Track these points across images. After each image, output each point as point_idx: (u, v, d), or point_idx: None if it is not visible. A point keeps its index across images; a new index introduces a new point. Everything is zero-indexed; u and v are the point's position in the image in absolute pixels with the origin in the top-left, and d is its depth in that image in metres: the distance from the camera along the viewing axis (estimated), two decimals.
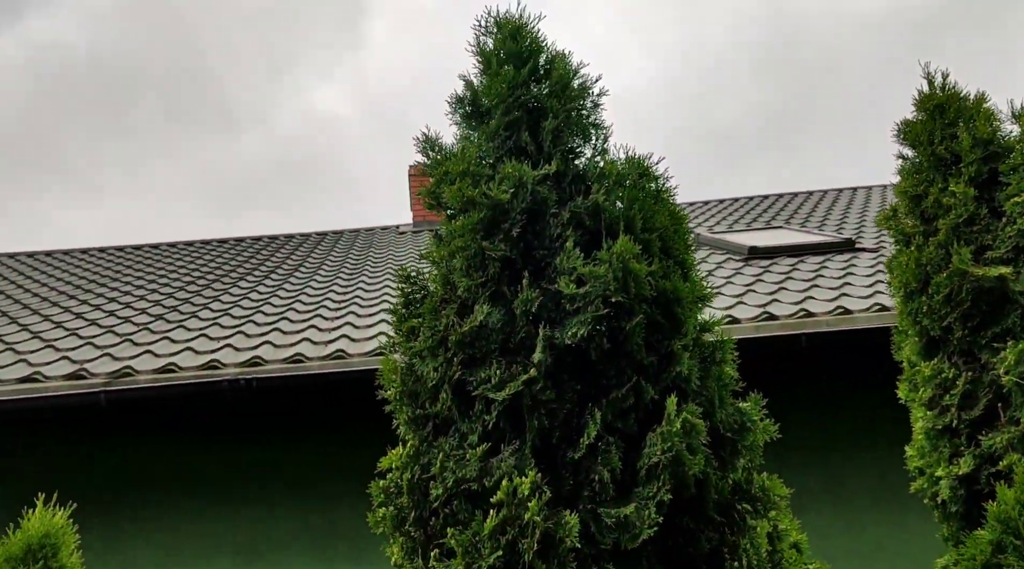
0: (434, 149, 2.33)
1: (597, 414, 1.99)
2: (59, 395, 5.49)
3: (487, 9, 2.30)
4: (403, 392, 2.21)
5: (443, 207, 2.32)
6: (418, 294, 2.29)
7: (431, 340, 2.16)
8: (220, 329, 6.67)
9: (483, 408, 2.07)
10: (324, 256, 9.82)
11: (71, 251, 10.75)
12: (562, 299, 2.08)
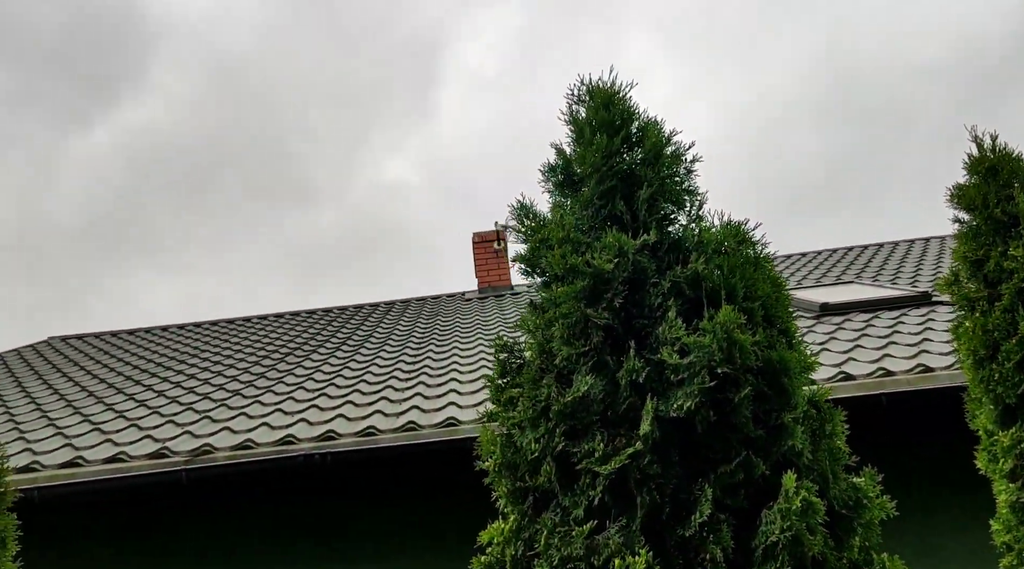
0: (528, 216, 2.34)
1: (708, 490, 1.91)
2: (143, 474, 5.58)
3: (580, 77, 2.33)
4: (502, 464, 2.17)
5: (539, 274, 2.31)
6: (515, 363, 2.27)
7: (531, 410, 2.13)
8: (295, 403, 6.75)
9: (588, 482, 2.02)
10: (393, 325, 9.92)
11: (152, 329, 11.11)
12: (665, 369, 2.03)
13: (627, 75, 2.36)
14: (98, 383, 8.24)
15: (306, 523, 5.89)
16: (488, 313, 10.03)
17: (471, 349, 8.01)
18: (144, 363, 9.08)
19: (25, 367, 9.64)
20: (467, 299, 11.17)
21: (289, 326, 10.69)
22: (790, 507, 1.82)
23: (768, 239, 2.19)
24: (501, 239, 11.37)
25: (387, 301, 11.62)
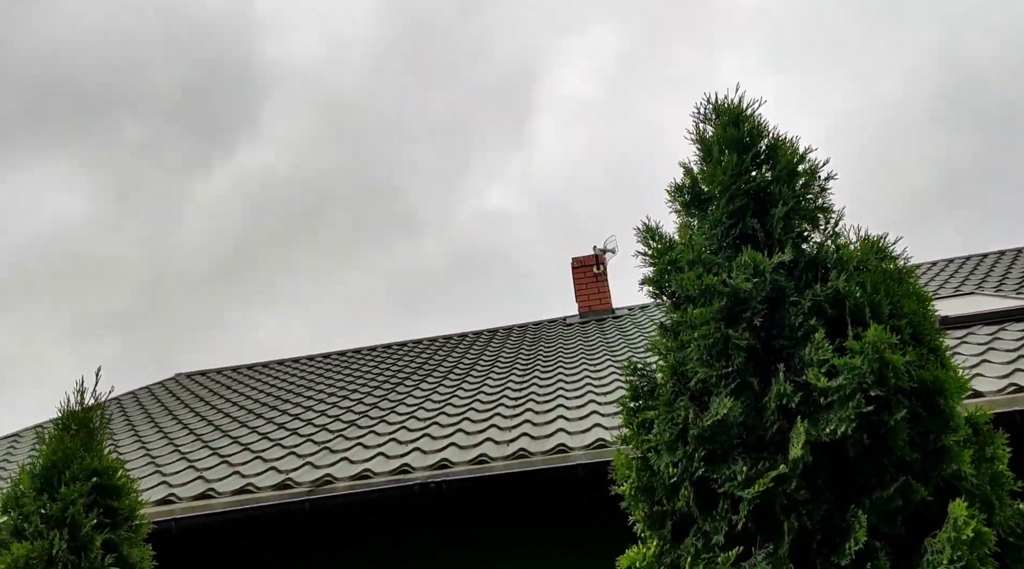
0: (654, 238, 2.32)
1: (862, 516, 1.83)
2: (269, 505, 5.78)
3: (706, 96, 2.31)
4: (639, 487, 2.14)
5: (668, 296, 2.28)
6: (646, 386, 2.24)
7: (668, 434, 2.10)
8: (407, 433, 6.87)
9: (729, 507, 1.97)
10: (497, 353, 10.00)
11: (269, 363, 11.57)
12: (813, 392, 1.96)
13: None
14: (223, 417, 8.61)
15: (420, 552, 5.95)
16: (591, 338, 9.98)
17: (576, 375, 7.98)
18: (263, 396, 9.44)
19: (156, 403, 10.18)
20: (568, 324, 11.16)
21: (396, 356, 10.93)
22: (959, 537, 1.72)
23: (909, 252, 2.10)
24: (600, 263, 11.35)
25: (490, 329, 11.74)
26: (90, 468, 2.65)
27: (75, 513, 2.54)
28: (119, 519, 2.66)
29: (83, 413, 2.74)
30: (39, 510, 2.50)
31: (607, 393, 7.04)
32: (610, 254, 11.30)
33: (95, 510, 2.58)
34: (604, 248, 11.32)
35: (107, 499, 2.65)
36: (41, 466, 2.61)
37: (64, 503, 2.54)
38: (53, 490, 2.57)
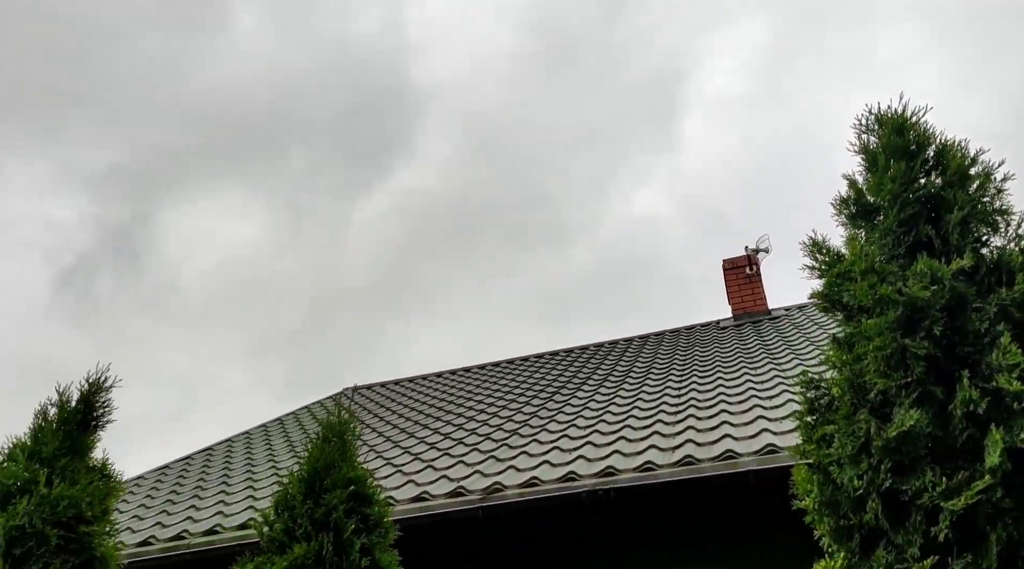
0: (821, 251, 2.34)
1: None
2: (444, 512, 6.09)
3: (867, 107, 2.31)
4: (822, 502, 2.16)
5: (840, 308, 2.30)
6: (822, 400, 2.26)
7: (850, 447, 2.11)
8: (569, 441, 7.01)
9: (923, 518, 1.96)
10: (651, 359, 9.99)
11: (428, 376, 12.11)
12: (1004, 398, 1.93)
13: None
14: (391, 428, 9.12)
15: (592, 558, 6.06)
16: (748, 341, 9.78)
17: (737, 380, 7.86)
18: (426, 407, 9.91)
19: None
20: (722, 327, 10.98)
21: (550, 366, 11.14)
22: None
23: None
24: (753, 263, 11.09)
25: (641, 335, 11.73)
26: (347, 477, 2.95)
27: (337, 518, 2.84)
28: (371, 524, 2.95)
29: (340, 426, 3.06)
30: (307, 514, 2.81)
31: (772, 397, 6.91)
32: (763, 254, 11.02)
33: (354, 516, 2.87)
34: (756, 248, 11.06)
35: (361, 506, 2.94)
36: (306, 474, 2.93)
37: (328, 508, 2.84)
38: (317, 496, 2.88)
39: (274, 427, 11.05)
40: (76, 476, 2.91)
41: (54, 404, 3.02)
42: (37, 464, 2.90)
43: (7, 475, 2.82)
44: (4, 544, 2.71)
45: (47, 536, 2.80)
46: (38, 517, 2.77)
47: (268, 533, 2.93)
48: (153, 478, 9.19)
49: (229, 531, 6.37)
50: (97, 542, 2.90)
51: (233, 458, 9.48)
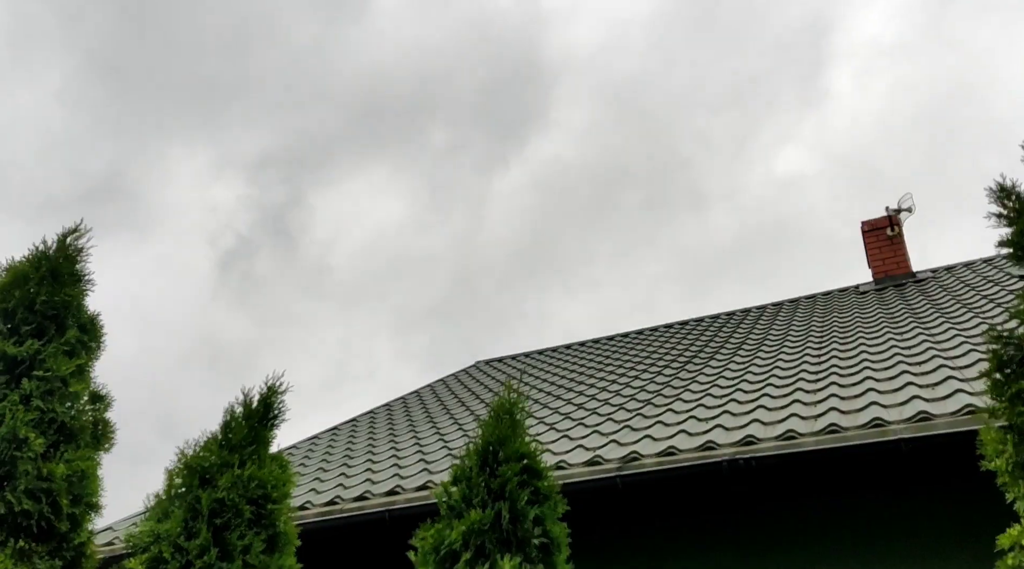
0: (1011, 197, 2.21)
1: None
2: (583, 481, 6.16)
3: None
4: (1016, 463, 2.06)
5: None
6: (1013, 354, 2.15)
7: None
8: (705, 410, 6.93)
9: None
10: (787, 326, 9.71)
11: (558, 348, 12.24)
12: None
13: None
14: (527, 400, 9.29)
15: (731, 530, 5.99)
16: (891, 305, 9.34)
17: (883, 345, 7.54)
18: (558, 379, 10.02)
19: (461, 388, 11.19)
20: (862, 292, 10.52)
21: (684, 333, 11.03)
22: None
23: None
24: (895, 224, 10.52)
25: (775, 302, 11.40)
26: (519, 451, 3.10)
27: (512, 489, 3.00)
28: (541, 497, 3.09)
29: (510, 404, 3.22)
30: (483, 484, 2.99)
31: (922, 363, 6.60)
32: (906, 213, 10.44)
33: (526, 488, 3.02)
34: (899, 207, 10.48)
35: (532, 479, 3.09)
36: (480, 447, 3.11)
37: (503, 480, 3.01)
38: (491, 468, 3.06)
39: (412, 399, 11.47)
40: (261, 462, 3.24)
41: (239, 403, 3.41)
42: (228, 451, 3.25)
43: (206, 459, 3.17)
44: (207, 513, 3.03)
45: (242, 510, 3.13)
46: (234, 493, 3.10)
47: (447, 501, 3.09)
48: (305, 447, 9.74)
49: (378, 497, 6.69)
50: (283, 519, 3.21)
51: (376, 429, 9.91)
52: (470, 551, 2.92)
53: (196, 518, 3.06)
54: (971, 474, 4.12)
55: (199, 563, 2.95)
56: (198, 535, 3.00)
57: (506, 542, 2.96)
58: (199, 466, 3.24)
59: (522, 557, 2.92)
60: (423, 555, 3.00)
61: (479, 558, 2.92)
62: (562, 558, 3.08)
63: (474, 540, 2.95)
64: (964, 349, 6.58)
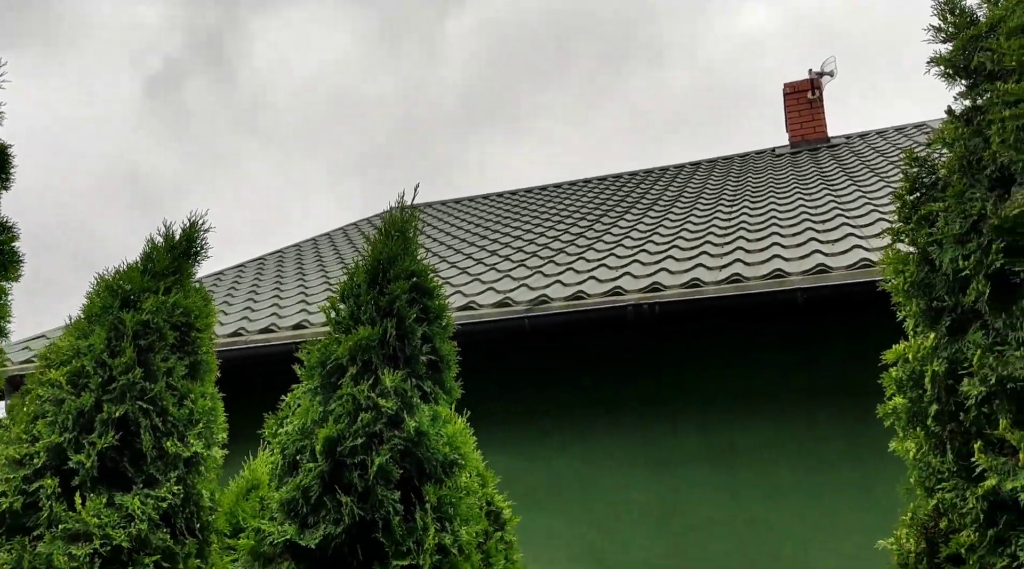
0: (953, 12, 2.07)
1: None
2: (491, 321, 6.14)
3: None
4: (914, 283, 2.04)
5: (965, 74, 2.06)
6: (926, 178, 2.09)
7: (958, 226, 1.96)
8: (616, 259, 6.95)
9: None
10: (702, 185, 9.74)
11: (475, 197, 12.05)
12: None
13: None
14: (438, 245, 9.14)
15: (633, 370, 6.13)
16: (803, 168, 9.44)
17: (790, 205, 7.63)
18: (475, 227, 9.90)
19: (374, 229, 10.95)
20: (778, 154, 10.58)
21: (603, 188, 10.98)
22: None
23: None
24: (816, 88, 10.47)
25: (693, 162, 11.40)
26: (409, 269, 2.99)
27: (400, 306, 2.93)
28: (431, 316, 3.03)
29: (402, 222, 3.06)
30: (372, 301, 2.88)
31: (825, 221, 6.71)
32: (827, 78, 10.37)
33: (415, 306, 2.93)
34: (821, 71, 10.39)
35: (422, 297, 3.00)
36: (370, 265, 2.98)
37: (391, 297, 2.92)
38: (380, 286, 2.95)
39: (324, 240, 11.19)
40: (186, 293, 3.12)
41: (161, 235, 3.25)
42: (150, 278, 3.14)
43: (129, 282, 3.02)
44: (131, 333, 2.92)
45: (166, 334, 3.07)
46: (159, 317, 3.01)
47: (335, 317, 2.97)
48: (209, 282, 9.44)
49: (284, 331, 6.55)
50: (204, 348, 3.11)
51: (285, 267, 9.66)
52: (356, 365, 2.82)
53: (120, 338, 2.96)
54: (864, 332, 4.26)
55: (123, 379, 2.84)
56: (123, 353, 2.90)
57: (393, 358, 2.88)
58: (121, 289, 3.09)
59: (408, 371, 2.84)
60: (309, 369, 2.89)
61: (365, 372, 2.82)
62: (451, 375, 3.02)
63: (361, 355, 2.85)
64: (866, 210, 6.71)
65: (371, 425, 2.70)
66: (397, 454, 2.68)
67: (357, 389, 2.74)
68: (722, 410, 5.75)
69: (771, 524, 5.43)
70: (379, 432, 2.70)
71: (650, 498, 5.77)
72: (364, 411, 2.72)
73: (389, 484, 2.64)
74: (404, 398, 2.78)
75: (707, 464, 5.72)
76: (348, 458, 2.65)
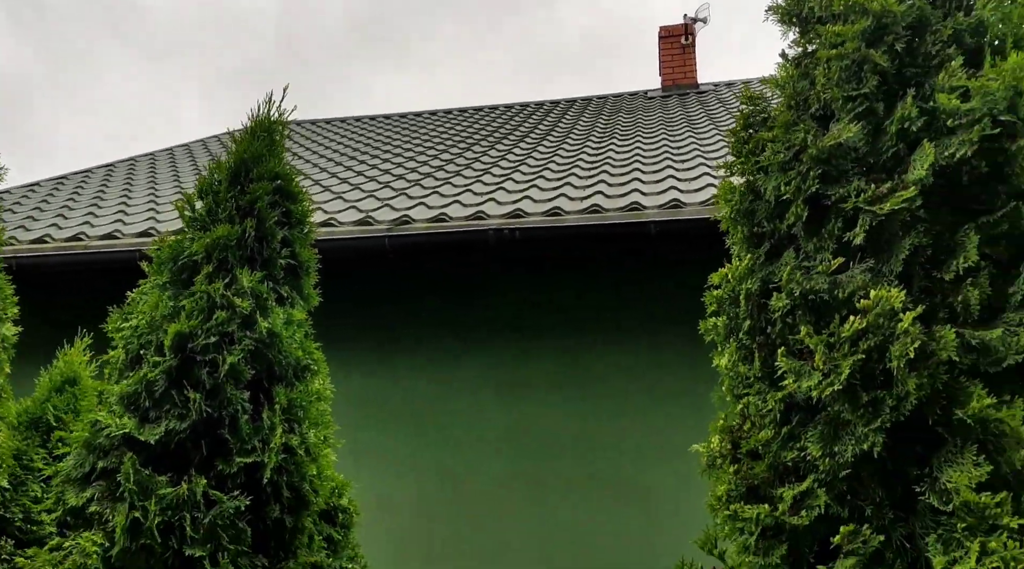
0: None
1: (974, 236, 1.91)
2: (352, 238, 6.09)
3: None
4: (739, 210, 2.24)
5: (798, 20, 2.23)
6: (759, 115, 2.27)
7: (783, 155, 2.15)
8: (483, 186, 7.02)
9: (842, 225, 2.06)
10: (574, 122, 9.92)
11: (347, 119, 11.72)
12: (938, 118, 1.97)
13: None
14: (304, 163, 8.90)
15: (492, 295, 6.27)
16: (671, 111, 9.78)
17: (655, 145, 7.92)
18: (344, 148, 9.69)
19: None
20: (650, 97, 10.88)
21: (478, 117, 10.95)
22: None
23: None
24: (689, 33, 10.78)
25: (568, 99, 11.53)
26: (273, 171, 2.91)
27: (262, 207, 2.87)
28: (293, 220, 2.99)
29: (269, 122, 2.96)
30: (232, 200, 2.80)
31: (685, 161, 7.02)
32: (700, 24, 10.69)
33: (277, 209, 2.88)
34: (695, 17, 10.69)
35: (286, 201, 2.95)
36: (232, 163, 2.88)
37: (253, 197, 2.84)
38: (242, 185, 2.87)
39: (181, 152, 10.62)
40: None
41: None
42: None
43: None
44: None
45: None
46: None
47: (190, 214, 2.88)
48: (50, 186, 8.80)
49: (129, 237, 6.25)
50: None
51: (136, 175, 9.13)
52: (212, 264, 2.78)
53: None
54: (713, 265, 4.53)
55: None
56: None
57: (251, 259, 2.85)
58: None
59: (266, 274, 2.83)
60: (158, 264, 2.82)
61: (221, 271, 2.78)
62: (309, 282, 3.03)
63: (218, 254, 2.80)
64: (725, 152, 7.07)
65: (226, 324, 2.68)
66: (248, 355, 2.68)
67: (212, 287, 2.71)
68: (576, 336, 6.00)
69: (615, 444, 5.75)
70: (232, 332, 2.69)
71: (502, 420, 5.98)
72: (220, 309, 2.69)
73: (239, 384, 2.64)
74: (260, 300, 2.77)
75: (559, 388, 5.97)
76: (200, 355, 2.63)
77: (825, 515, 1.91)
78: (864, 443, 1.84)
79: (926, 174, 1.94)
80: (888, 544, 1.83)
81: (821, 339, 1.96)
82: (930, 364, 1.85)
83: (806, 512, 1.90)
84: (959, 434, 1.83)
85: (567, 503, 5.64)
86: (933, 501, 1.77)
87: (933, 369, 1.85)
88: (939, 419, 1.87)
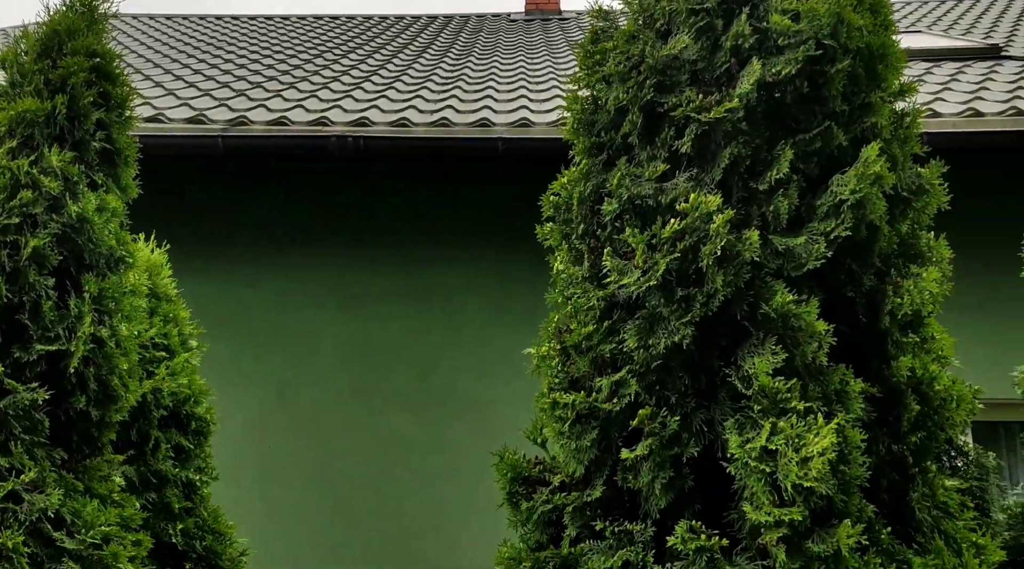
0: None
1: (788, 151, 2.04)
2: (182, 136, 5.69)
3: None
4: (582, 121, 2.27)
5: None
6: (610, 31, 2.30)
7: (623, 66, 2.19)
8: (330, 93, 6.75)
9: (674, 134, 2.14)
10: (433, 38, 9.67)
11: (206, 17, 10.86)
12: (769, 38, 2.07)
13: None
14: (137, 58, 8.18)
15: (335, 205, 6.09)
16: (532, 35, 9.73)
17: (511, 67, 7.88)
18: (182, 46, 9.00)
19: None
20: (512, 20, 10.77)
21: (329, 27, 10.44)
22: (866, 172, 1.96)
23: None
24: None
25: (429, 15, 11.20)
26: (92, 47, 2.63)
27: (76, 84, 2.60)
28: (111, 104, 2.74)
29: None
30: (41, 72, 2.51)
31: (539, 83, 7.04)
32: None
33: (94, 88, 2.65)
34: None
35: (104, 82, 2.69)
36: (44, 33, 2.58)
37: (66, 72, 2.58)
38: (54, 59, 2.62)
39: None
40: None
41: None
42: None
43: None
44: None
45: None
46: None
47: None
48: None
49: None
50: None
51: None
52: (16, 139, 2.52)
53: None
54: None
55: None
56: None
57: (60, 139, 2.61)
58: None
59: (76, 156, 2.60)
60: None
61: (25, 149, 2.53)
62: (128, 173, 2.82)
63: (23, 129, 2.54)
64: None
65: (31, 205, 2.45)
66: (54, 239, 2.47)
67: (15, 163, 2.46)
68: (422, 250, 5.94)
69: (454, 359, 5.80)
70: (37, 215, 2.47)
71: (342, 333, 5.88)
72: (25, 189, 2.46)
73: (43, 269, 2.44)
74: (70, 182, 2.54)
75: (402, 302, 5.90)
76: (0, 236, 2.40)
77: (636, 403, 2.04)
78: (676, 336, 1.97)
79: (751, 89, 2.04)
80: (687, 426, 2.00)
81: (643, 238, 2.06)
82: (736, 264, 1.99)
83: (618, 399, 2.03)
84: (763, 328, 1.98)
85: (402, 416, 5.68)
86: (737, 385, 1.93)
87: (739, 268, 1.99)
88: (746, 315, 2.02)
